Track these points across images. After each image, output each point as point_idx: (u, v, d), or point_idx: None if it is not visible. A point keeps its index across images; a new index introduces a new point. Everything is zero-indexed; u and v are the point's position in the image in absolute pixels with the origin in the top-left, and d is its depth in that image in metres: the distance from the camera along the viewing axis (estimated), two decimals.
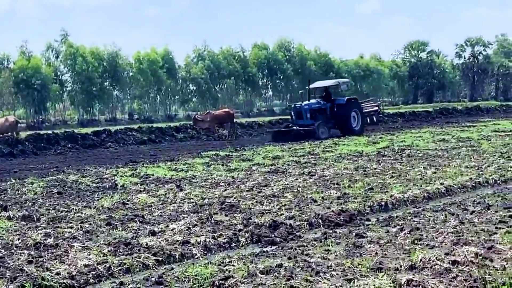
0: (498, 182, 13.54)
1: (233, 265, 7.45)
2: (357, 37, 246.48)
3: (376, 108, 39.09)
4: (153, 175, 16.85)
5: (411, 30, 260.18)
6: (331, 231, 9.24)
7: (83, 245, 8.69)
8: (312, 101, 33.53)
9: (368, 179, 14.05)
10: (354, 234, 8.91)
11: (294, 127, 32.16)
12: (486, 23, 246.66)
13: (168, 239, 8.82)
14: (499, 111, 61.14)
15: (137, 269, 7.69)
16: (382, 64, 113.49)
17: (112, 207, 11.95)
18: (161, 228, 9.66)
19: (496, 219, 9.37)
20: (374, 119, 37.21)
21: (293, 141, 28.06)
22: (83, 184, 15.64)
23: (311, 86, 34.51)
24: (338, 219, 9.96)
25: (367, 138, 27.21)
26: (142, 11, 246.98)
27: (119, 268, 7.64)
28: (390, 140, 25.28)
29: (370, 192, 12.31)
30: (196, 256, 8.20)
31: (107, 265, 7.64)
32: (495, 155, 17.74)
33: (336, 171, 15.85)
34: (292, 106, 34.30)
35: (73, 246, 8.64)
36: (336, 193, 12.29)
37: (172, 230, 9.48)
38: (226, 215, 10.58)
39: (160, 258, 8.02)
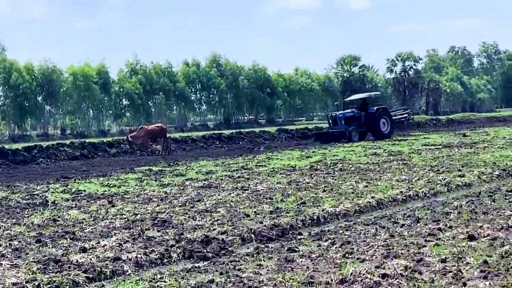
0: (427, 195, 13.77)
1: (165, 281, 7.40)
2: (291, 52, 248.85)
3: (406, 115, 46.61)
4: (85, 191, 16.67)
5: (343, 45, 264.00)
6: (263, 246, 9.25)
7: (11, 263, 8.52)
8: (347, 110, 40.71)
9: (301, 193, 14.12)
10: (286, 248, 8.93)
11: (330, 131, 39.07)
12: (417, 39, 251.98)
13: (99, 256, 8.71)
14: (429, 125, 62.18)
15: (67, 287, 7.58)
16: (313, 79, 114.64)
17: (42, 223, 11.75)
18: (92, 244, 9.54)
19: (426, 232, 9.50)
20: (405, 124, 46.59)
21: (331, 142, 35.81)
22: (13, 200, 15.36)
23: (348, 98, 44.40)
24: (270, 233, 9.99)
25: (300, 153, 27.36)
26: (73, 24, 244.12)
27: (49, 286, 7.50)
28: (322, 154, 25.47)
29: (302, 206, 12.36)
30: (127, 273, 8.12)
31: (36, 283, 7.49)
32: (425, 169, 18.02)
33: (269, 186, 15.91)
34: (329, 115, 42.01)
35: (1, 264, 8.47)
36: (268, 208, 12.31)
37: (103, 246, 9.37)
38: (158, 231, 10.50)
39: (91, 275, 7.91)
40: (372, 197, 13.07)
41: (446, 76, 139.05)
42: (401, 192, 13.79)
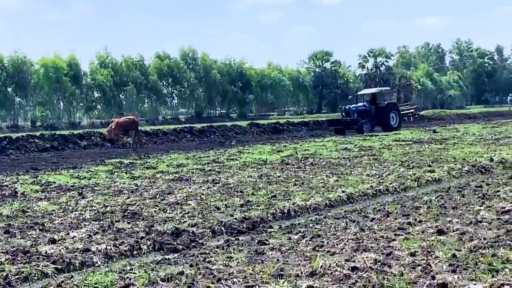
0: (398, 190, 13.85)
1: (134, 273, 7.37)
2: (264, 47, 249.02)
3: (413, 110, 51.05)
4: (54, 182, 16.54)
5: (316, 40, 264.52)
6: (233, 239, 9.26)
7: None
8: (359, 104, 43.51)
9: (272, 187, 14.15)
10: (256, 241, 8.94)
11: (343, 118, 42.30)
12: (390, 35, 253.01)
13: (68, 247, 8.65)
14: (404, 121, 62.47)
15: (36, 278, 7.52)
16: (284, 74, 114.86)
17: (11, 215, 11.66)
18: (62, 236, 9.47)
19: (395, 226, 9.56)
20: (412, 118, 49.10)
21: (345, 129, 40.41)
22: None
23: (360, 92, 47.32)
24: (241, 226, 10.00)
25: (271, 147, 27.38)
26: (44, 15, 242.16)
27: (17, 276, 7.44)
28: (294, 149, 25.50)
29: (273, 199, 12.38)
30: (96, 264, 8.08)
31: (4, 274, 7.42)
32: (395, 164, 18.12)
33: (240, 179, 15.91)
34: (343, 107, 44.71)
35: None
36: (239, 201, 12.32)
37: (72, 238, 9.31)
38: (128, 223, 10.46)
39: (60, 266, 7.86)
40: (343, 191, 13.12)
41: (417, 72, 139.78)
42: (372, 186, 13.85)
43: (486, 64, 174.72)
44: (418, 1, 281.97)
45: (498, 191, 12.68)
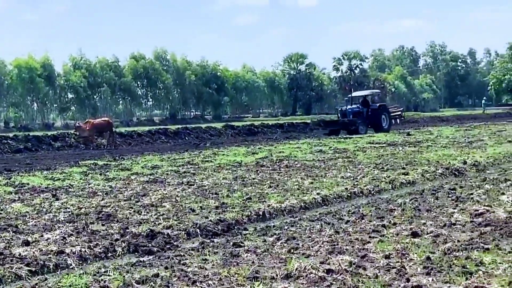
0: (372, 192, 13.93)
1: (109, 275, 7.35)
2: (240, 48, 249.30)
3: (400, 112, 49.51)
4: (28, 184, 16.44)
5: (291, 43, 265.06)
6: (208, 241, 9.25)
7: None
8: (354, 106, 44.33)
9: (247, 189, 14.15)
10: (231, 243, 8.95)
11: (341, 119, 43.28)
12: (364, 38, 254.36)
13: (42, 249, 8.61)
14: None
15: (9, 280, 7.48)
16: (259, 76, 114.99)
17: None
18: (35, 238, 9.42)
19: (370, 228, 9.61)
20: (398, 121, 48.46)
21: (342, 130, 41.32)
22: None
23: (353, 94, 47.57)
24: (216, 228, 10.01)
25: (246, 149, 27.38)
26: (18, 15, 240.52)
27: None
28: (269, 151, 25.51)
29: (248, 202, 12.38)
30: (71, 266, 8.05)
31: None
32: (370, 166, 18.20)
33: (215, 181, 15.90)
34: (339, 109, 46.02)
35: None
36: (214, 203, 12.31)
37: (46, 240, 9.26)
38: (103, 225, 10.43)
39: (34, 269, 7.82)
40: (318, 194, 13.16)
41: (391, 75, 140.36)
42: (346, 189, 13.91)
43: (459, 68, 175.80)
44: (393, 4, 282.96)
45: (472, 193, 12.78)
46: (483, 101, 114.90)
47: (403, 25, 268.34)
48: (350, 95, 48.00)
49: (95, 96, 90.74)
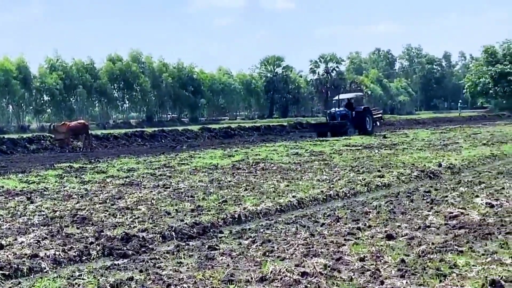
0: (348, 195, 13.94)
1: (83, 279, 7.32)
2: (217, 51, 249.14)
3: (380, 115, 51.16)
4: (3, 187, 16.30)
5: (268, 45, 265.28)
6: (184, 244, 9.23)
7: None
8: (341, 108, 45.15)
9: (222, 192, 14.14)
10: (206, 246, 8.94)
11: (330, 122, 44.35)
12: (342, 41, 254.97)
13: (16, 253, 8.54)
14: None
15: None
16: (235, 79, 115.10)
17: None
18: (9, 241, 9.33)
19: (345, 231, 9.63)
20: (378, 123, 49.90)
21: (330, 131, 42.32)
22: None
23: (336, 97, 48.85)
24: (191, 231, 9.98)
25: (222, 151, 27.35)
26: None
27: None
28: (245, 154, 25.50)
29: (224, 204, 12.37)
30: (45, 270, 7.98)
31: None
32: (345, 169, 18.24)
33: (191, 184, 15.87)
34: (328, 112, 47.01)
35: None
36: (190, 206, 12.29)
37: (20, 243, 9.18)
38: (78, 228, 10.36)
39: (7, 272, 7.74)
40: (293, 196, 13.16)
41: (367, 78, 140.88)
42: (322, 191, 13.91)
43: (435, 71, 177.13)
44: (370, 8, 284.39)
45: (446, 196, 12.86)
46: (459, 104, 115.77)
47: (380, 28, 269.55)
48: (336, 98, 49.04)
49: (71, 99, 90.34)
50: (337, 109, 45.48)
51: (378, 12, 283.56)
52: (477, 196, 12.58)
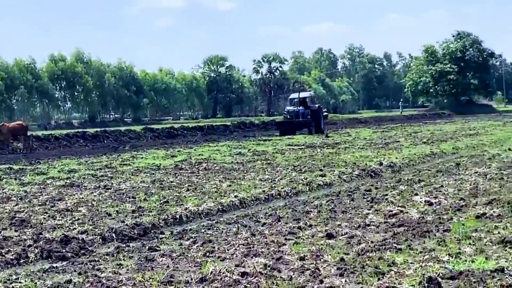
0: (289, 194, 14.01)
1: (20, 282, 7.23)
2: (159, 51, 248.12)
3: (326, 113, 54.12)
4: None
5: (211, 45, 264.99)
6: (124, 245, 9.18)
7: None
8: (300, 107, 45.08)
9: (164, 192, 14.10)
10: (147, 247, 8.91)
11: (295, 120, 44.05)
12: (284, 41, 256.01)
13: None
14: None
15: None
16: (177, 79, 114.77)
17: None
18: None
19: (286, 230, 9.68)
20: (324, 121, 49.37)
21: (295, 130, 42.94)
22: None
23: (291, 96, 50.59)
24: (132, 232, 9.92)
25: (165, 152, 27.24)
26: None
27: None
28: (188, 154, 25.42)
29: (165, 205, 12.33)
30: None
31: None
32: (288, 168, 18.32)
33: (132, 185, 15.78)
34: (290, 110, 45.78)
35: None
36: (131, 207, 12.22)
37: None
38: (16, 231, 10.22)
39: None
40: (235, 196, 13.18)
41: (310, 77, 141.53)
42: (264, 191, 13.96)
43: (376, 70, 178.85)
44: (311, 8, 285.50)
45: (386, 194, 13.02)
46: (400, 103, 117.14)
47: (321, 28, 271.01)
48: (292, 97, 49.96)
49: (12, 99, 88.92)
50: (298, 107, 45.48)
51: (320, 12, 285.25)
52: (416, 194, 12.77)
